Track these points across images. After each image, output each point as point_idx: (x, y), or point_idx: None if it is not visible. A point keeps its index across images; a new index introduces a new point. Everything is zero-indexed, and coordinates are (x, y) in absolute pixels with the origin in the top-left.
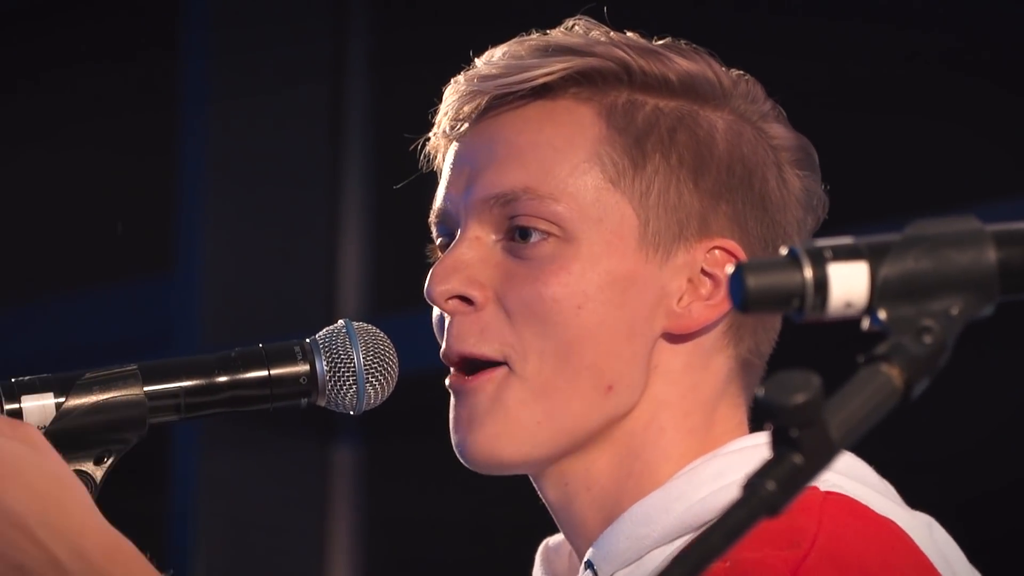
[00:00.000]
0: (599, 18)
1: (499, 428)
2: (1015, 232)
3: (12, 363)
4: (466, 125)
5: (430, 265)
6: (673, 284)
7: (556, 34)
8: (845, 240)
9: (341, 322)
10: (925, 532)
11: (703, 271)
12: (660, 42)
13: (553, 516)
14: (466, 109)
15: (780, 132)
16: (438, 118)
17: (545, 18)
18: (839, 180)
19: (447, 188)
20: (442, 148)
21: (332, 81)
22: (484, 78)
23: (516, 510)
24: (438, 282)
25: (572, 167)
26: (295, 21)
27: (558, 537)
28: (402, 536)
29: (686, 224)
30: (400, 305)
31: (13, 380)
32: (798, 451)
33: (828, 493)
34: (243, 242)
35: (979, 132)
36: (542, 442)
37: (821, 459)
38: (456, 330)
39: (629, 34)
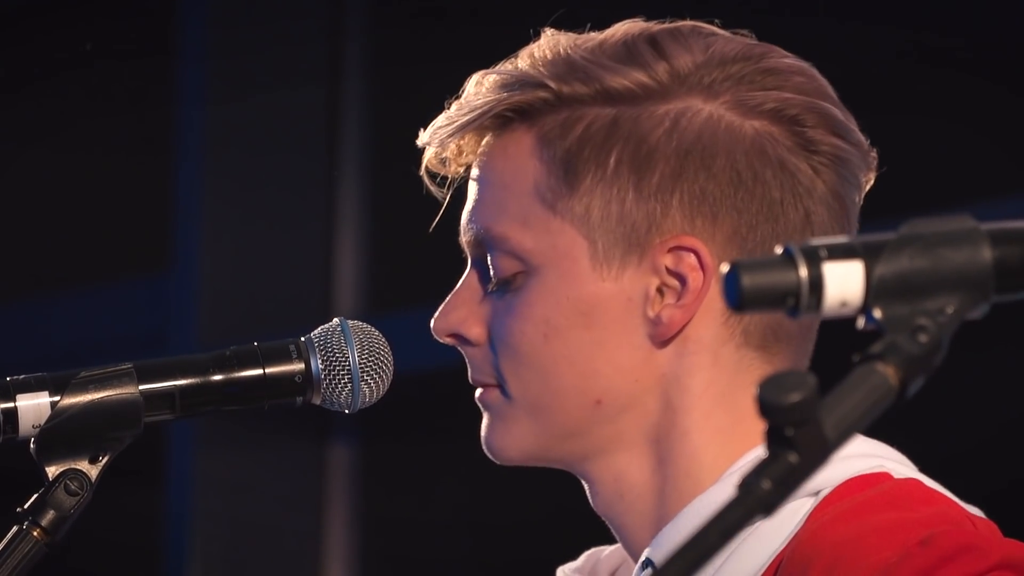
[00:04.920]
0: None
1: (504, 439)
2: (1010, 231)
3: (8, 361)
4: (451, 167)
5: (426, 263)
6: (637, 292)
7: (503, 66)
8: (840, 239)
9: (336, 320)
10: None
11: (669, 271)
12: (599, 37)
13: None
14: (448, 152)
15: (767, 95)
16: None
17: (541, 18)
18: None
19: None
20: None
21: (328, 82)
22: (442, 127)
23: (512, 510)
24: (437, 320)
25: (518, 203)
26: (292, 22)
27: (611, 547)
28: (397, 534)
29: (634, 232)
30: (395, 304)
31: (8, 379)
32: (793, 450)
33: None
34: (239, 242)
35: (977, 131)
36: (547, 445)
37: (816, 458)
38: (467, 360)
39: (572, 38)
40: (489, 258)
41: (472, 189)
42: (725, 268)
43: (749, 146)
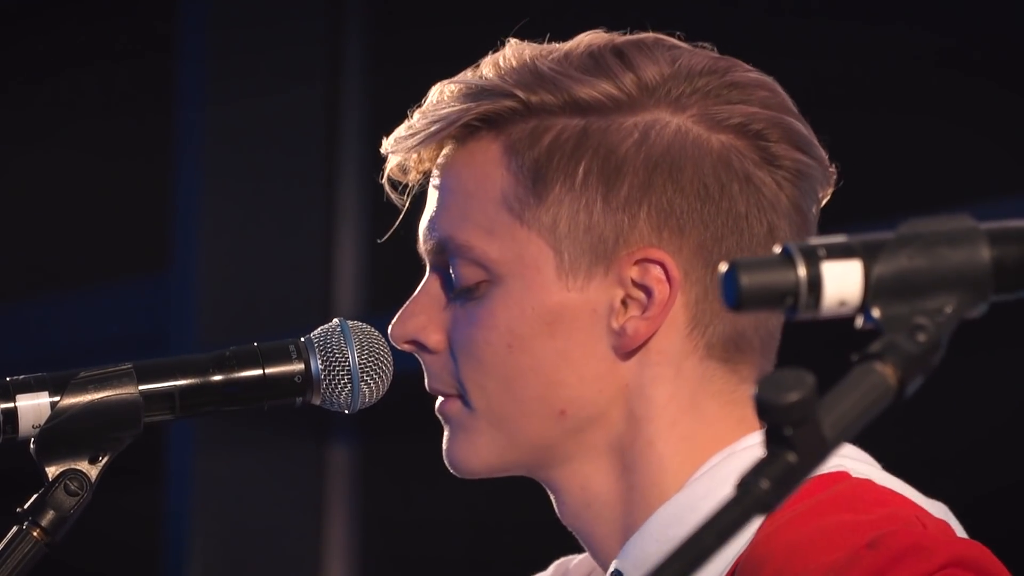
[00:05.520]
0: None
1: (467, 450)
2: (1009, 230)
3: (8, 361)
4: (412, 175)
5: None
6: (602, 304)
7: (466, 76)
8: (839, 238)
9: (336, 321)
10: None
11: (634, 283)
12: (564, 48)
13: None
14: (410, 161)
15: (733, 110)
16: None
17: (540, 17)
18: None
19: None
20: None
21: (328, 81)
22: (405, 137)
23: (512, 510)
24: (395, 326)
25: (483, 212)
26: (292, 22)
27: (580, 556)
28: (397, 534)
29: (600, 244)
30: (395, 304)
31: (8, 379)
32: (792, 449)
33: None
34: (239, 241)
35: (977, 131)
36: (511, 456)
37: (814, 457)
38: (424, 367)
39: (549, 47)
40: (451, 266)
41: (433, 197)
42: (724, 267)
43: (716, 160)
